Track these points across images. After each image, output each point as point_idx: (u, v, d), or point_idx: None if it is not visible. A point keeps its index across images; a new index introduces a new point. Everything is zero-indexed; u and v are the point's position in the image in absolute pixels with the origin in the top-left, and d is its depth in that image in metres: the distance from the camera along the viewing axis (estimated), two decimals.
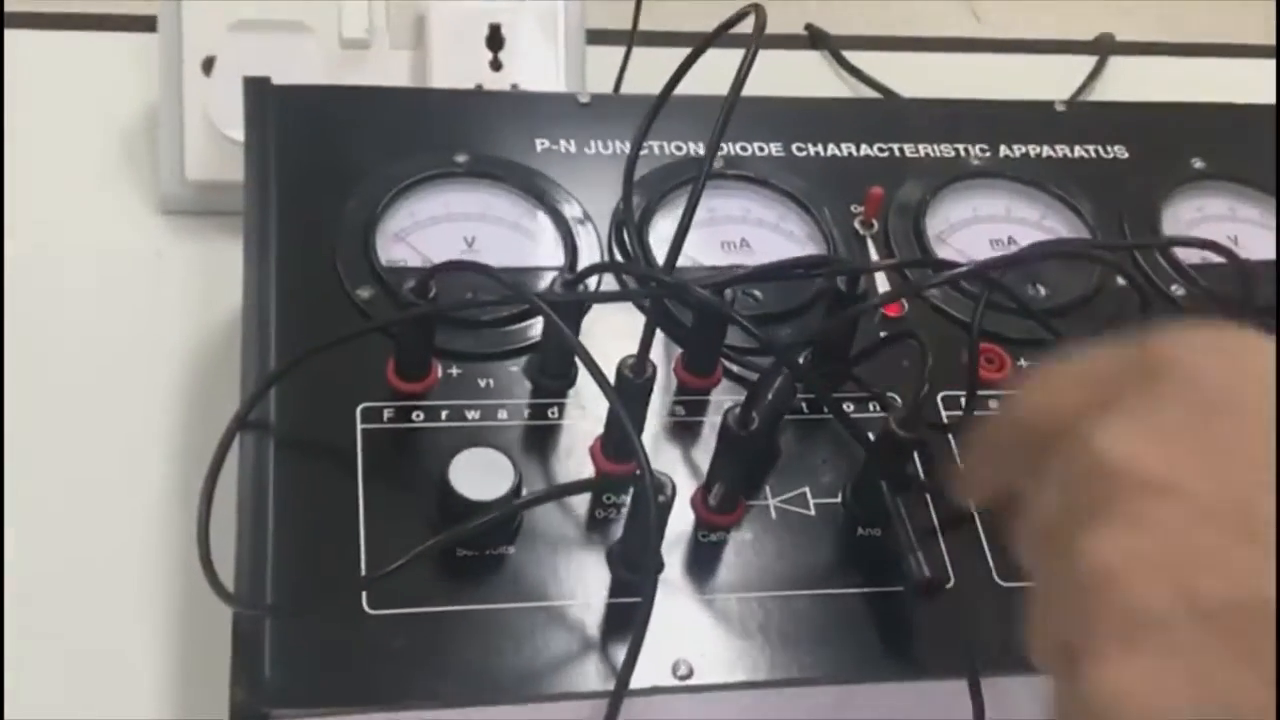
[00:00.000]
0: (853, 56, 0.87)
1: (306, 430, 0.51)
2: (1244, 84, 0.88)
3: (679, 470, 0.52)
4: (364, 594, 0.47)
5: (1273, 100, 0.72)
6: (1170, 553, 0.30)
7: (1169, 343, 0.33)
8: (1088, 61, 0.90)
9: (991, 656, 0.48)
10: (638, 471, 0.45)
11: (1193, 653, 0.29)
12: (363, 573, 0.47)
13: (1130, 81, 0.90)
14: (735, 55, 0.51)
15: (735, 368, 0.55)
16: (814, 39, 0.88)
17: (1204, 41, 0.97)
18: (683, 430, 0.53)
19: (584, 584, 0.49)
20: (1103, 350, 0.34)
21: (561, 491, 0.49)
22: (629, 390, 0.49)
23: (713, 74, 0.53)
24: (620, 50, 0.78)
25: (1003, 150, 0.65)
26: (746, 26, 0.51)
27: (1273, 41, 0.99)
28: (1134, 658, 0.29)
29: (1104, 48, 0.91)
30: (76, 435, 0.62)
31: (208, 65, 0.69)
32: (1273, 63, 0.95)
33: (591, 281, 0.54)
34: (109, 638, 0.56)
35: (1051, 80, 0.88)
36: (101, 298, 0.67)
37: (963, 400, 0.54)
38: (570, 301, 0.49)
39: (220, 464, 0.49)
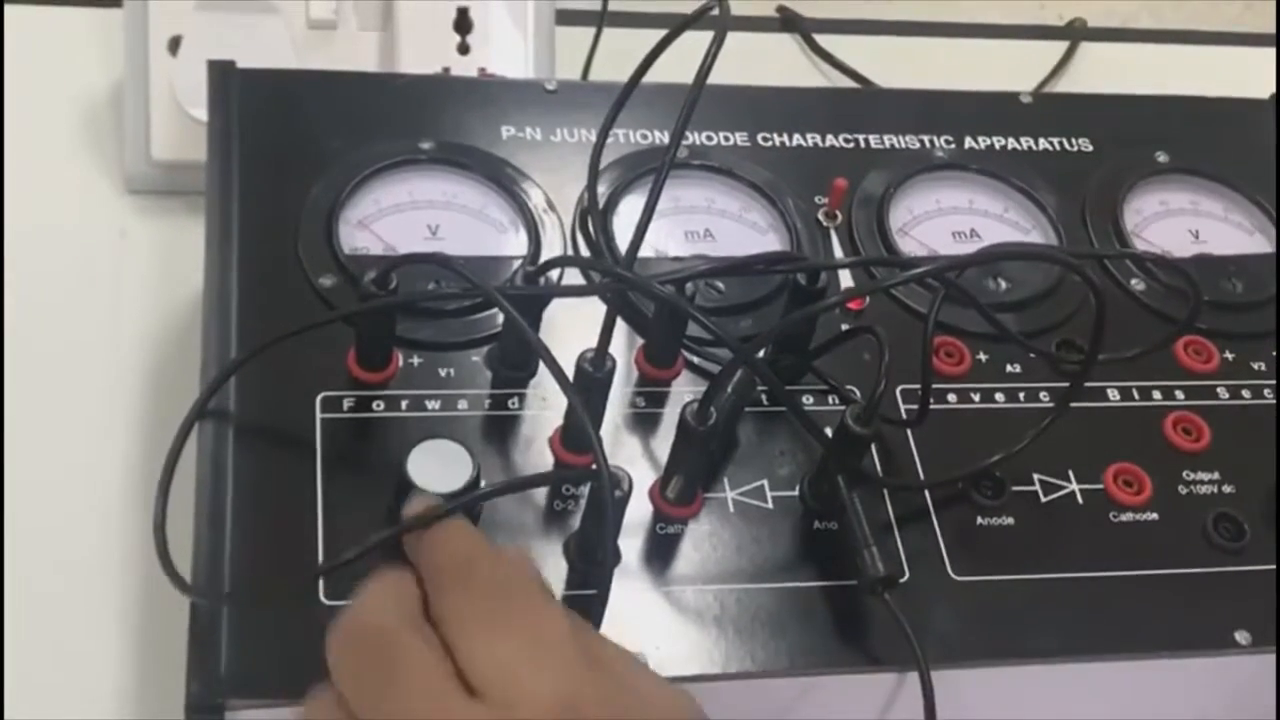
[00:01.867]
0: (825, 40, 0.87)
1: (266, 419, 0.51)
2: (1215, 72, 0.89)
3: (638, 462, 0.52)
4: (321, 585, 0.47)
5: (1239, 93, 0.72)
6: None
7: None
8: (1063, 46, 0.91)
9: (944, 649, 0.49)
10: (594, 466, 0.45)
11: None
12: (320, 563, 0.48)
13: (1102, 68, 0.90)
14: (704, 39, 0.51)
15: (696, 359, 0.55)
16: (785, 22, 0.88)
17: (1177, 28, 0.97)
18: (643, 421, 0.54)
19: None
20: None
21: (518, 485, 0.49)
22: (588, 384, 0.49)
23: (681, 60, 0.53)
24: (590, 31, 0.78)
25: (968, 142, 0.65)
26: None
27: (1246, 29, 1.00)
28: None
29: (1076, 34, 0.92)
30: (37, 414, 0.62)
31: (174, 44, 0.69)
32: (1245, 50, 0.95)
33: (554, 274, 0.55)
34: (64, 622, 0.56)
35: (1026, 65, 0.88)
36: (66, 276, 0.67)
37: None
38: (530, 296, 0.50)
39: (178, 454, 0.49)
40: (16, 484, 0.59)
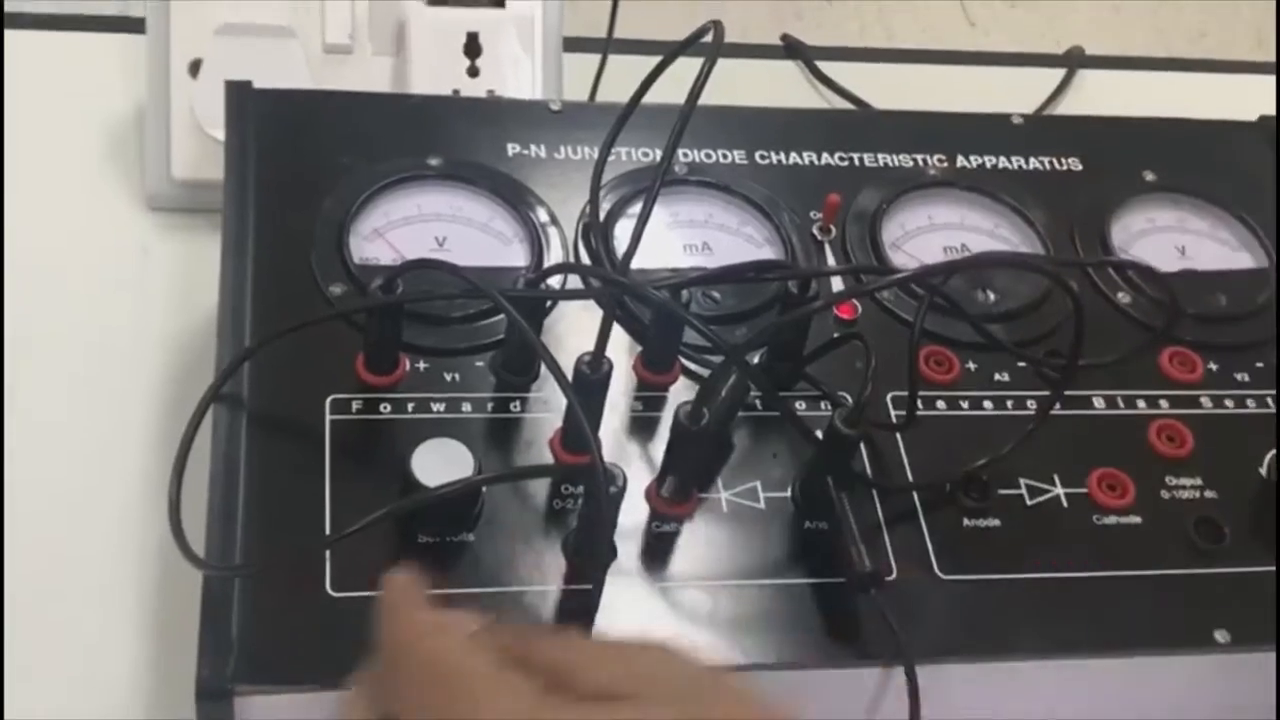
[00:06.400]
0: (828, 67, 0.89)
1: (278, 420, 0.53)
2: (1210, 98, 0.91)
3: (636, 463, 0.54)
4: (328, 576, 0.49)
5: (1230, 116, 0.74)
6: None
7: None
8: (1060, 74, 0.93)
9: (930, 645, 0.51)
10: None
11: None
12: (328, 557, 0.49)
13: (1099, 95, 0.92)
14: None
15: (693, 366, 0.57)
16: (789, 49, 0.91)
17: (1174, 56, 0.99)
18: (641, 425, 0.56)
19: (540, 571, 0.51)
20: None
21: (516, 475, 0.51)
22: (585, 384, 0.51)
23: (683, 82, 0.55)
24: (596, 58, 0.80)
25: (960, 161, 0.67)
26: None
27: (1246, 58, 1.01)
28: None
29: (1073, 61, 0.94)
30: (62, 427, 0.64)
31: (194, 67, 0.71)
32: (1239, 78, 0.97)
33: (556, 282, 0.57)
34: (83, 622, 0.58)
35: (1025, 92, 0.90)
36: (89, 293, 0.69)
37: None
38: (529, 298, 0.52)
39: (192, 437, 0.51)
40: (38, 492, 0.61)
